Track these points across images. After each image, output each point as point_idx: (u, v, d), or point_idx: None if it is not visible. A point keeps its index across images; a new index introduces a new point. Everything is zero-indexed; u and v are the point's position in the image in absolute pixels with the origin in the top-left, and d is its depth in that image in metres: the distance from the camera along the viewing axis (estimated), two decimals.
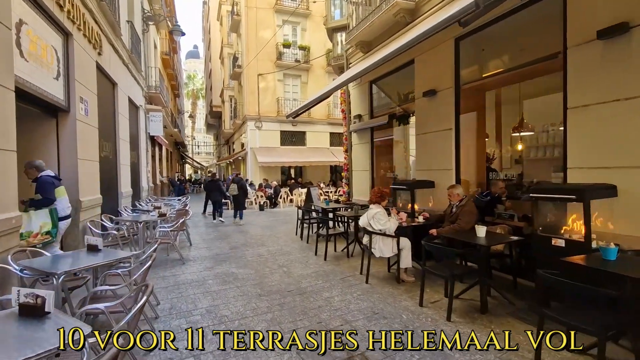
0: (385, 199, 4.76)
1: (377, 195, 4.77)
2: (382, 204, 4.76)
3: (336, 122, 20.43)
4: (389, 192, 4.82)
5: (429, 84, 5.89)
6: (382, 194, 4.75)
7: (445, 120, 5.61)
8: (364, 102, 8.32)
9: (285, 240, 7.64)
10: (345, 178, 9.45)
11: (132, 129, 10.10)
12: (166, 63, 19.09)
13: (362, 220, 4.82)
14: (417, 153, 6.36)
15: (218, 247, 7.04)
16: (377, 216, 4.62)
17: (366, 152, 8.29)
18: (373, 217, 4.64)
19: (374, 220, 4.63)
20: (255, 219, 11.39)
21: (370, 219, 4.67)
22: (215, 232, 9.00)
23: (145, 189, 11.50)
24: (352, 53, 8.64)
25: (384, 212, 4.68)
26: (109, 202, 7.33)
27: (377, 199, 4.75)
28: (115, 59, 7.76)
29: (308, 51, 19.58)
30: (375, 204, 4.77)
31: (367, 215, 4.74)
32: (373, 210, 4.68)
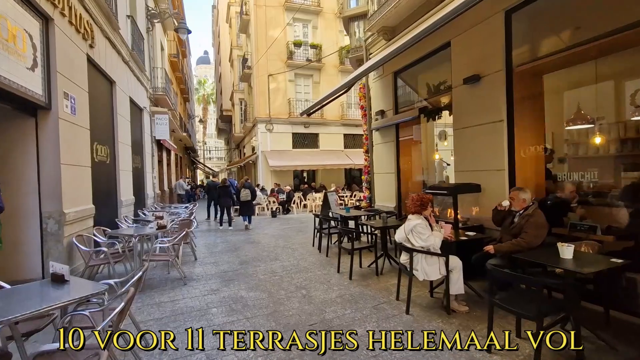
0: (427, 206, 3.83)
1: (416, 204, 3.83)
2: (423, 213, 3.83)
3: (350, 123, 19.58)
4: (430, 197, 3.89)
5: (471, 69, 4.95)
6: (423, 202, 3.82)
7: (493, 111, 4.67)
8: (388, 96, 7.41)
9: (301, 253, 6.77)
10: (365, 182, 8.54)
11: (135, 132, 9.44)
12: (174, 66, 18.58)
13: (399, 234, 3.90)
14: (456, 151, 5.41)
15: (226, 262, 6.21)
16: (417, 229, 3.69)
17: (390, 152, 7.37)
18: (412, 230, 3.71)
19: (414, 234, 3.70)
20: (267, 227, 10.56)
21: (408, 233, 3.75)
22: (224, 242, 8.20)
23: (151, 196, 10.82)
24: (373, 42, 7.76)
25: (425, 225, 3.75)
26: (106, 212, 6.60)
27: (417, 208, 3.82)
28: (112, 54, 7.08)
29: (320, 50, 18.80)
30: (415, 214, 3.85)
31: (405, 228, 3.82)
32: (411, 222, 3.76)
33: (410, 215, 3.89)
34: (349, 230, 5.30)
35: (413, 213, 3.86)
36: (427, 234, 3.67)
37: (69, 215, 4.56)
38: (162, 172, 13.91)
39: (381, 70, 7.56)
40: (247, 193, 10.03)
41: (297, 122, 18.48)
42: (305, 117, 18.35)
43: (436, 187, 4.98)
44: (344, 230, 5.66)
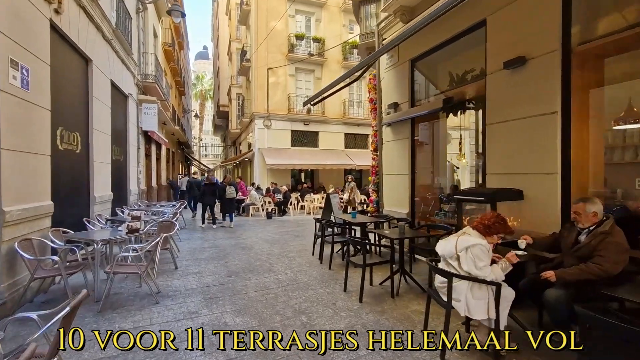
0: (498, 232, 2.89)
1: (488, 223, 2.88)
2: (487, 238, 2.89)
3: (352, 122, 18.72)
4: (508, 224, 2.94)
5: (514, 50, 4.09)
6: (499, 225, 2.87)
7: (543, 101, 3.80)
8: (403, 87, 6.54)
9: (299, 264, 5.86)
10: (372, 183, 7.65)
11: (118, 121, 8.48)
12: (169, 55, 17.60)
13: (445, 247, 2.96)
14: (489, 150, 4.54)
15: (211, 273, 5.29)
16: (477, 252, 2.73)
17: (404, 150, 6.49)
18: (469, 249, 2.77)
19: (469, 257, 2.75)
20: (261, 230, 9.64)
21: (460, 250, 2.83)
22: (212, 247, 7.27)
23: (135, 193, 9.85)
24: (387, 26, 6.89)
25: (488, 250, 2.82)
26: (74, 211, 5.66)
27: (484, 229, 2.88)
28: (88, 28, 6.14)
29: (322, 44, 17.91)
30: (476, 231, 2.93)
31: (458, 242, 2.86)
32: (470, 239, 2.81)
33: (470, 230, 2.96)
34: (361, 242, 4.38)
35: (474, 228, 2.94)
36: (485, 261, 2.75)
37: (11, 214, 3.62)
38: (150, 167, 12.94)
39: (396, 58, 6.70)
40: (232, 190, 10.03)
41: (296, 119, 17.58)
42: (305, 114, 17.49)
43: (469, 192, 4.09)
44: (354, 242, 4.75)
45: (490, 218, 2.93)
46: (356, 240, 4.53)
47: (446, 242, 2.99)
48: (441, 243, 3.05)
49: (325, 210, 7.89)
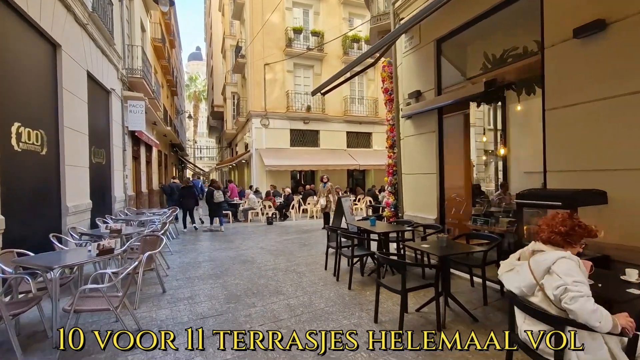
0: (581, 238, 2.03)
1: (561, 232, 2.01)
2: (567, 248, 2.02)
3: (354, 119, 17.85)
4: (587, 224, 2.07)
5: (587, 13, 3.21)
6: (578, 231, 2.00)
7: (634, 75, 2.93)
8: (426, 73, 5.65)
9: (312, 281, 4.94)
10: (389, 185, 6.75)
11: (98, 119, 7.51)
12: (159, 52, 16.58)
13: (514, 279, 2.08)
14: (550, 142, 3.66)
15: (207, 297, 4.35)
16: (564, 268, 1.84)
17: (429, 146, 5.60)
18: (551, 270, 1.89)
19: (560, 286, 1.82)
20: (263, 239, 8.70)
21: (541, 277, 1.94)
22: (208, 261, 6.32)
23: (121, 199, 8.87)
24: (404, 4, 5.99)
25: (581, 267, 1.94)
26: (39, 225, 4.70)
27: (562, 240, 2.00)
28: (54, 5, 5.18)
29: (322, 37, 17.01)
30: (551, 244, 2.05)
31: (533, 267, 1.99)
32: (550, 256, 1.93)
33: (541, 245, 2.08)
34: (401, 263, 3.45)
35: (547, 242, 2.06)
36: (580, 277, 1.85)
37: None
38: (139, 171, 11.94)
39: (417, 39, 5.81)
40: (219, 194, 9.94)
41: (295, 117, 16.66)
42: (305, 112, 16.57)
43: (536, 195, 3.18)
44: (389, 260, 3.79)
45: (564, 222, 2.04)
46: (393, 260, 3.59)
47: (514, 273, 2.09)
48: (510, 276, 2.14)
49: (336, 216, 6.97)
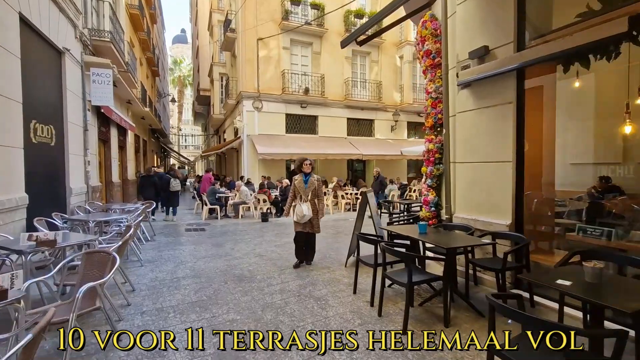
0: None
1: None
2: None
3: (355, 105, 16.19)
4: None
5: None
6: None
7: None
8: (499, 20, 4.03)
9: (341, 316, 3.33)
10: (429, 177, 5.18)
11: (43, 85, 5.65)
12: (136, 22, 14.40)
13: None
14: None
15: (187, 357, 2.71)
16: None
17: (502, 123, 4.03)
18: None
19: None
20: (259, 240, 7.06)
21: None
22: (190, 276, 4.65)
23: (80, 192, 7.03)
24: None
25: None
26: None
27: None
28: None
29: (322, 11, 15.16)
30: None
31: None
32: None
33: None
34: (550, 325, 1.83)
35: None
36: None
37: None
38: (109, 157, 10.02)
39: None
40: (177, 183, 9.91)
41: (292, 100, 14.88)
42: (302, 95, 14.80)
43: None
44: (507, 310, 2.15)
45: None
46: (528, 317, 1.95)
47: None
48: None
49: (359, 217, 5.36)
